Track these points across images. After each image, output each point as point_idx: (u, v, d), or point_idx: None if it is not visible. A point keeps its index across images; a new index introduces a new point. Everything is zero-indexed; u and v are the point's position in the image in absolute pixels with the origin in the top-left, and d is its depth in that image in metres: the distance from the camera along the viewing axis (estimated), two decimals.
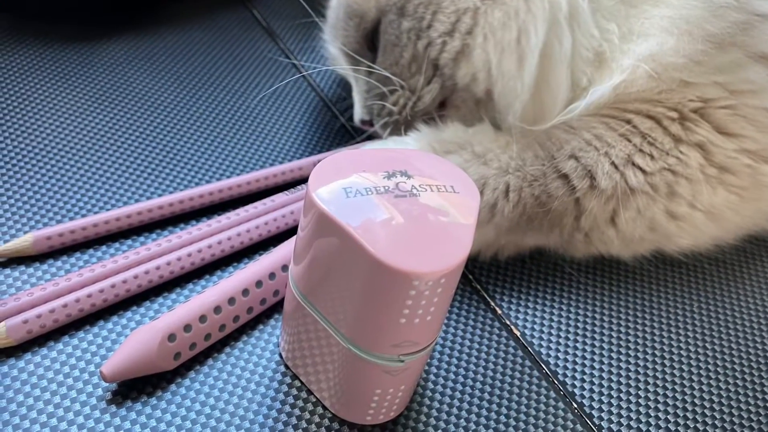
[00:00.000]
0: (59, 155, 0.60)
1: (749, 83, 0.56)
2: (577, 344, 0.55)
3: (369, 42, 0.63)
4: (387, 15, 0.60)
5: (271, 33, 0.81)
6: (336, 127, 0.71)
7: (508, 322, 0.55)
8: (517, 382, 0.51)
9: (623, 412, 0.51)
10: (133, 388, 0.46)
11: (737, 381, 0.55)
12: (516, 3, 0.55)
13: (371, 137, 0.66)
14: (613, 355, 0.54)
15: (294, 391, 0.48)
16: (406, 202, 0.39)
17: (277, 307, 0.52)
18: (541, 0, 0.55)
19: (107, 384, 0.46)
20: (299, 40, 0.82)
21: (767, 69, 0.55)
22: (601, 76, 0.58)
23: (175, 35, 0.78)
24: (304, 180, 0.62)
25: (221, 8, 0.83)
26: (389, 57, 0.61)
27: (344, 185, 0.39)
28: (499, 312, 0.56)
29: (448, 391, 0.50)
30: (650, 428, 0.50)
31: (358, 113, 0.66)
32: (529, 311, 0.56)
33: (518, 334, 0.55)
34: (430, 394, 0.49)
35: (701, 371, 0.55)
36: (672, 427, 0.51)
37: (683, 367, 0.55)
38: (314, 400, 0.47)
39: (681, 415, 0.51)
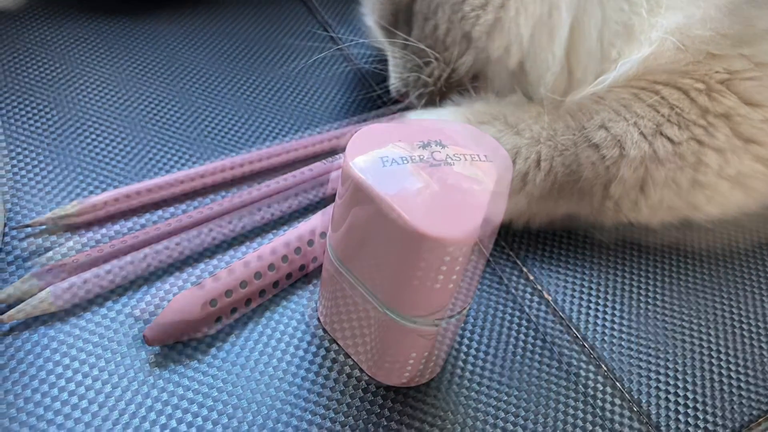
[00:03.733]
0: (105, 124, 0.59)
1: None
2: (607, 309, 0.54)
3: (404, 15, 0.62)
4: None
5: (313, 11, 0.80)
6: (372, 99, 0.70)
7: (540, 287, 0.54)
8: (548, 345, 0.50)
9: (652, 375, 0.50)
10: (176, 351, 0.45)
11: (763, 350, 0.53)
12: None
13: (406, 108, 0.65)
14: (642, 319, 0.53)
15: (332, 355, 0.47)
16: (441, 171, 0.38)
17: (315, 274, 0.52)
18: None
19: (150, 348, 0.45)
20: (338, 14, 0.81)
21: None
22: (630, 48, 0.57)
23: (218, 12, 0.77)
24: (342, 149, 0.61)
25: None
26: (424, 30, 0.60)
27: (380, 155, 0.38)
28: (532, 278, 0.55)
29: (481, 355, 0.49)
30: (678, 390, 0.49)
31: (394, 85, 0.65)
32: (561, 277, 0.55)
33: (550, 299, 0.54)
34: (464, 357, 0.48)
35: (728, 335, 0.53)
36: (699, 389, 0.50)
37: (710, 332, 0.53)
38: (351, 363, 0.47)
39: (708, 377, 0.50)
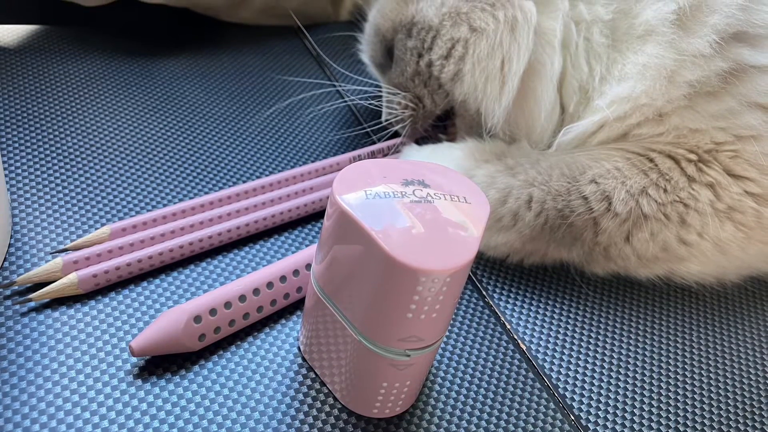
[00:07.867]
0: (106, 159, 0.61)
1: (749, 128, 0.55)
2: (579, 362, 0.54)
3: (390, 55, 0.68)
4: (398, 34, 0.66)
5: (320, 61, 0.83)
6: (367, 135, 0.73)
7: (516, 337, 0.55)
8: (519, 392, 0.51)
9: (618, 428, 0.50)
10: (159, 366, 0.46)
11: (729, 408, 0.54)
12: (501, 35, 0.59)
13: (396, 134, 0.70)
14: (613, 374, 0.54)
15: (308, 382, 0.48)
16: (421, 207, 0.39)
17: (299, 305, 0.53)
18: (526, 31, 0.58)
19: (135, 359, 0.46)
20: (334, 52, 0.86)
21: (766, 115, 0.55)
22: (585, 109, 0.60)
23: (230, 57, 0.79)
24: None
25: (276, 36, 0.85)
26: (398, 69, 0.66)
27: (366, 189, 0.40)
28: (509, 327, 0.56)
29: (453, 394, 0.50)
30: None
31: (383, 114, 0.70)
32: (537, 327, 0.56)
33: (524, 348, 0.54)
34: (436, 395, 0.49)
35: (695, 396, 0.54)
36: None
37: (678, 390, 0.54)
38: (326, 391, 0.47)
39: (682, 430, 0.51)
